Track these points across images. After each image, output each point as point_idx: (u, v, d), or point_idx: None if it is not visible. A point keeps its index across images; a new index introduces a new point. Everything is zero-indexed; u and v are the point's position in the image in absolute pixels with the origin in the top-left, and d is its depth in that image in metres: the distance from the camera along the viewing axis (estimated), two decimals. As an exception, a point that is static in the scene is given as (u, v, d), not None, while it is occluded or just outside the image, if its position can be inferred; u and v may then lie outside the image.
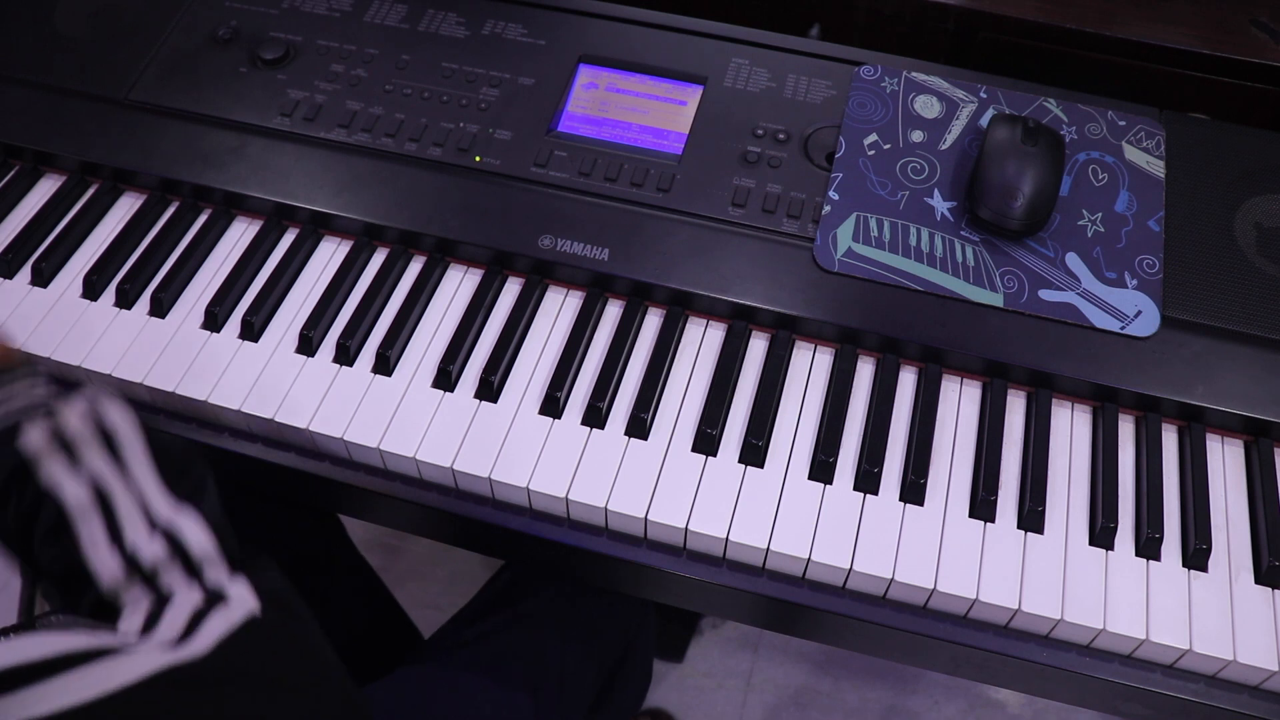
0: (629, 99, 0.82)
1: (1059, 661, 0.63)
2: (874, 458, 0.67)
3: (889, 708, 1.37)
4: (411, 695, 0.76)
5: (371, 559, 1.07)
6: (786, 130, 0.79)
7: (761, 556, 0.65)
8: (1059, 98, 0.80)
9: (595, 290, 0.75)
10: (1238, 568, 0.64)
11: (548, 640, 0.81)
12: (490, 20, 0.86)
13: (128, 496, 0.51)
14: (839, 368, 0.71)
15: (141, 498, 0.51)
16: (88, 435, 0.52)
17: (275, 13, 0.87)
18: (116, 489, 0.51)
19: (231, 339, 0.73)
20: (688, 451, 0.68)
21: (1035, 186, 0.72)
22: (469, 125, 0.80)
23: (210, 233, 0.79)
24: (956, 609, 0.64)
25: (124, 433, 0.52)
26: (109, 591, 0.48)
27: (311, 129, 0.81)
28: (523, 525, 0.68)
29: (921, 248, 0.74)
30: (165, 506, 0.51)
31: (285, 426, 0.69)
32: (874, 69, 0.82)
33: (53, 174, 0.84)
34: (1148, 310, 0.71)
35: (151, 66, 0.85)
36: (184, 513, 0.51)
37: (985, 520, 0.66)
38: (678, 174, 0.77)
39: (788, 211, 0.75)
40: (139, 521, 0.50)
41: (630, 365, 0.72)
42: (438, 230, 0.76)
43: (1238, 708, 0.62)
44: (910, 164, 0.77)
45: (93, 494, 0.50)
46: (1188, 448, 0.69)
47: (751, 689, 1.38)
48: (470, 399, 0.70)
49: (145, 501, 0.51)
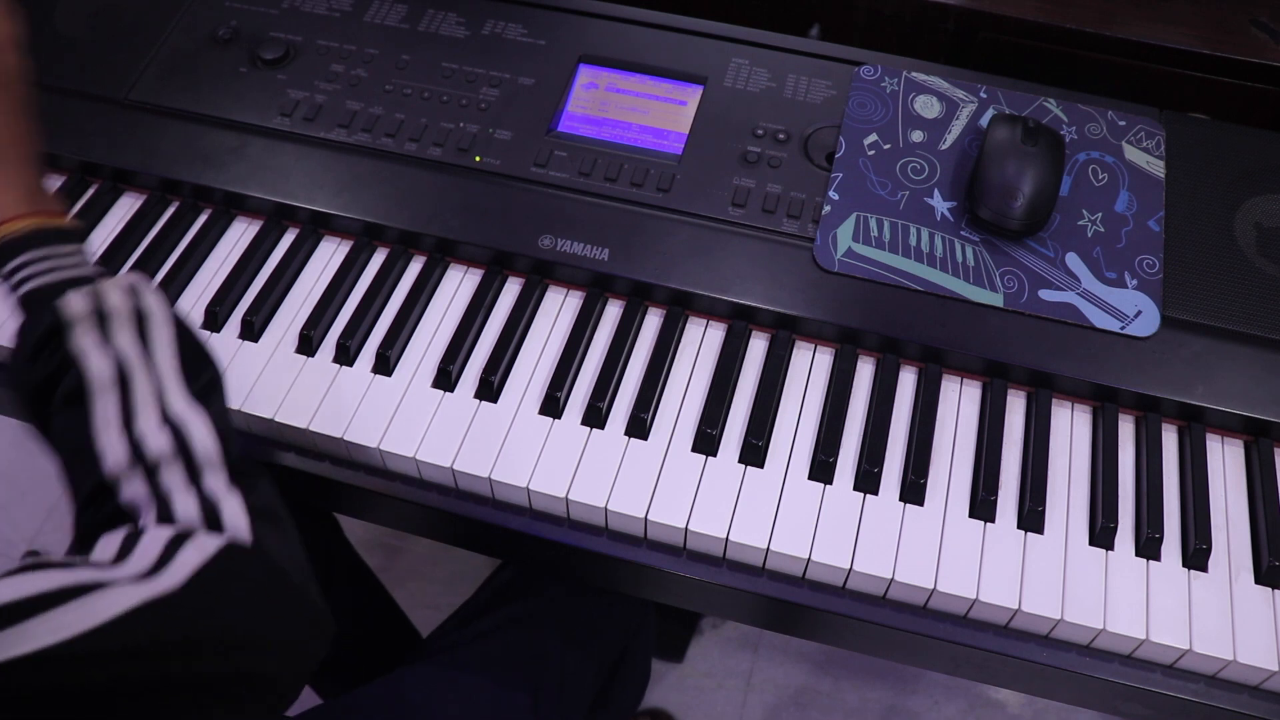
0: (629, 99, 0.82)
1: (1059, 661, 0.63)
2: (874, 458, 0.67)
3: (889, 708, 1.37)
4: (411, 694, 0.76)
5: (371, 559, 1.07)
6: (786, 130, 0.79)
7: (761, 556, 0.65)
8: (1059, 98, 0.80)
9: (595, 290, 0.75)
10: (1238, 568, 0.64)
11: (547, 640, 0.81)
12: (490, 20, 0.86)
13: (147, 383, 0.51)
14: (839, 368, 0.71)
15: (160, 387, 0.51)
16: (123, 313, 0.52)
17: (275, 13, 0.87)
18: (138, 372, 0.51)
19: (231, 339, 0.73)
20: (688, 451, 0.68)
21: (1035, 186, 0.72)
22: (469, 125, 0.80)
23: (210, 233, 0.79)
24: (956, 609, 0.64)
25: (157, 320, 0.53)
26: (109, 477, 0.48)
27: (311, 129, 0.81)
28: (523, 525, 0.68)
29: (921, 248, 0.74)
30: (180, 400, 0.51)
31: (285, 427, 0.69)
32: (874, 69, 0.82)
33: (52, 174, 0.84)
34: (1148, 310, 0.71)
35: (151, 66, 0.85)
36: (195, 411, 0.51)
37: (985, 520, 0.66)
38: (678, 174, 0.77)
39: (788, 211, 0.75)
40: (152, 410, 0.50)
41: (630, 365, 0.72)
42: (438, 230, 0.76)
43: (1238, 708, 0.62)
44: (910, 164, 0.77)
45: (115, 372, 0.51)
46: (1188, 448, 0.69)
47: (751, 689, 1.38)
48: (470, 399, 0.70)
49: (162, 391, 0.51)
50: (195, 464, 0.50)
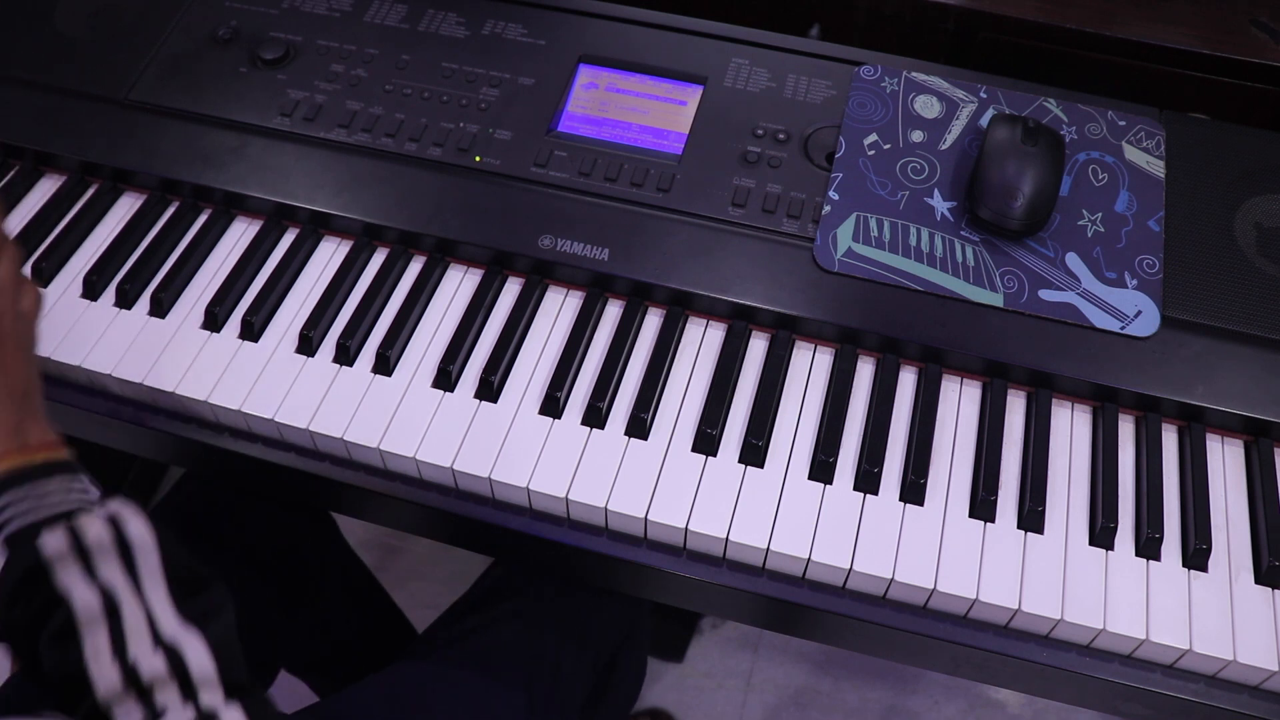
0: (629, 99, 0.82)
1: (1059, 661, 0.63)
2: (874, 458, 0.67)
3: (889, 708, 1.37)
4: (405, 692, 0.76)
5: (371, 559, 1.07)
6: (786, 130, 0.79)
7: (761, 556, 0.65)
8: (1059, 98, 0.80)
9: (595, 290, 0.75)
10: (1238, 568, 0.64)
11: (542, 637, 0.81)
12: (490, 20, 0.86)
13: (137, 610, 0.51)
14: (839, 368, 0.71)
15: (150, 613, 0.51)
16: (106, 545, 0.52)
17: (275, 13, 0.87)
18: (127, 601, 0.51)
19: (231, 339, 0.73)
20: (688, 451, 0.68)
21: (1035, 186, 0.72)
22: (469, 125, 0.80)
23: (210, 233, 0.79)
24: (956, 609, 0.64)
25: (142, 548, 0.53)
26: (103, 702, 0.49)
27: (311, 129, 0.81)
28: (523, 525, 0.68)
29: (921, 248, 0.74)
30: (172, 624, 0.51)
31: (285, 426, 0.69)
32: (874, 69, 0.82)
33: (53, 174, 0.84)
34: (1148, 310, 0.71)
35: (151, 66, 0.85)
36: (189, 632, 0.51)
37: (985, 520, 0.66)
38: (678, 174, 0.77)
39: (788, 211, 0.75)
40: (144, 636, 0.50)
41: (630, 365, 0.72)
42: (438, 230, 0.76)
43: (1238, 708, 0.62)
44: (910, 164, 0.77)
45: (103, 604, 0.50)
46: (1188, 448, 0.69)
47: (751, 689, 1.38)
48: (470, 399, 0.70)
49: (153, 617, 0.51)
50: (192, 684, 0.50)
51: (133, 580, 0.52)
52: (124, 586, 0.51)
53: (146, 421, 0.73)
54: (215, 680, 0.51)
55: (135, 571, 0.52)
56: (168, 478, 1.60)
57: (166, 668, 0.50)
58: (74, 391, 0.74)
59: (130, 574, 0.52)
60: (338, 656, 1.03)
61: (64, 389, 0.74)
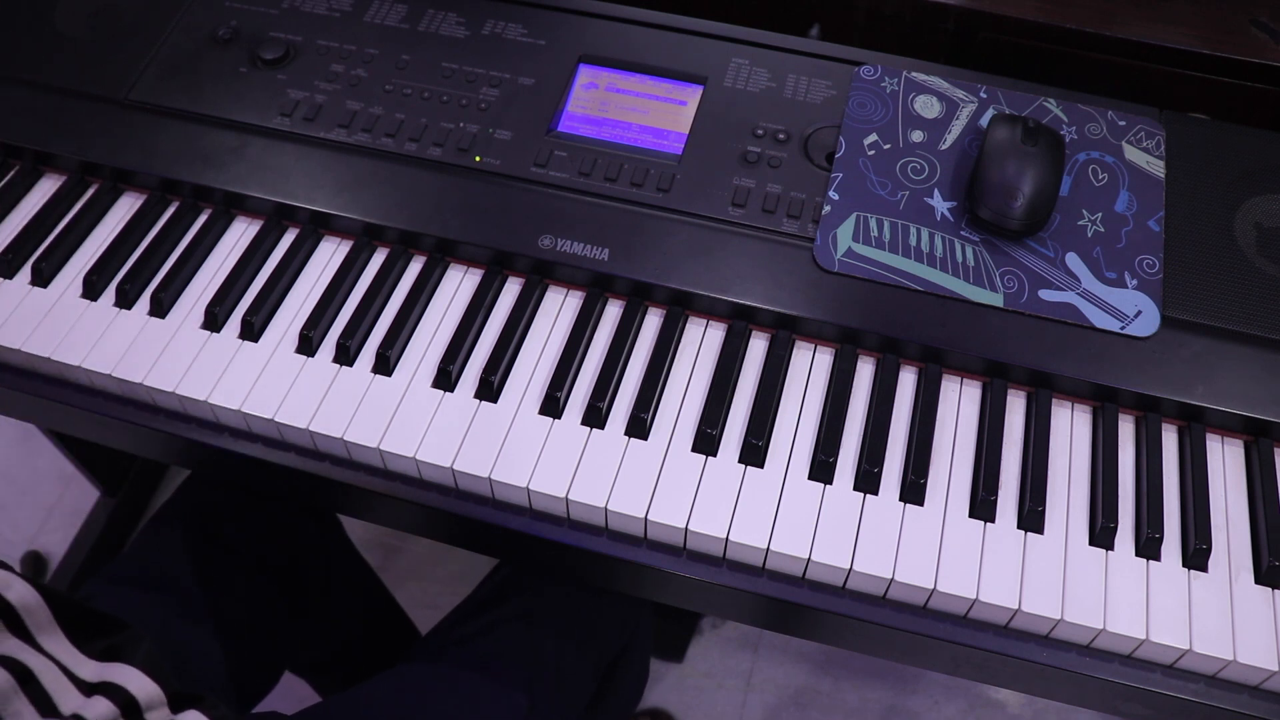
0: (629, 99, 0.82)
1: (1059, 661, 0.63)
2: (874, 458, 0.67)
3: (889, 708, 1.37)
4: (407, 692, 0.76)
5: (371, 559, 1.07)
6: (786, 130, 0.79)
7: (761, 556, 0.65)
8: (1059, 98, 0.80)
9: (595, 290, 0.75)
10: (1238, 568, 0.64)
11: (545, 638, 0.81)
12: (490, 20, 0.86)
13: (49, 667, 0.49)
14: (839, 368, 0.71)
15: (61, 665, 0.49)
16: None
17: (275, 13, 0.87)
18: (34, 663, 0.49)
19: (231, 339, 0.73)
20: (688, 451, 0.68)
21: (1035, 186, 0.72)
22: (469, 125, 0.80)
23: (210, 233, 0.79)
24: (956, 609, 0.64)
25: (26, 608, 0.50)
26: None
27: (311, 129, 0.81)
28: (523, 525, 0.68)
29: (921, 248, 0.74)
30: (90, 666, 0.50)
31: (285, 426, 0.69)
32: (874, 69, 0.82)
33: (53, 174, 0.84)
34: (1148, 310, 0.71)
35: (151, 66, 0.85)
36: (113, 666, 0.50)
37: (985, 520, 0.66)
38: (678, 174, 0.77)
39: (788, 211, 0.75)
40: (68, 687, 0.49)
41: (630, 365, 0.72)
42: (438, 230, 0.76)
43: (1238, 708, 0.62)
44: (910, 164, 0.77)
45: (10, 677, 0.48)
46: (1188, 448, 0.69)
47: (751, 689, 1.38)
48: (470, 399, 0.70)
49: (65, 667, 0.49)
50: (140, 710, 0.49)
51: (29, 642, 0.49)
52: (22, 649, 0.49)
53: (146, 421, 0.73)
54: (161, 698, 0.50)
55: (28, 632, 0.50)
56: (168, 478, 1.61)
57: (109, 706, 0.48)
58: (74, 391, 0.74)
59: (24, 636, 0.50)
60: (341, 658, 1.03)
61: (64, 389, 0.74)
